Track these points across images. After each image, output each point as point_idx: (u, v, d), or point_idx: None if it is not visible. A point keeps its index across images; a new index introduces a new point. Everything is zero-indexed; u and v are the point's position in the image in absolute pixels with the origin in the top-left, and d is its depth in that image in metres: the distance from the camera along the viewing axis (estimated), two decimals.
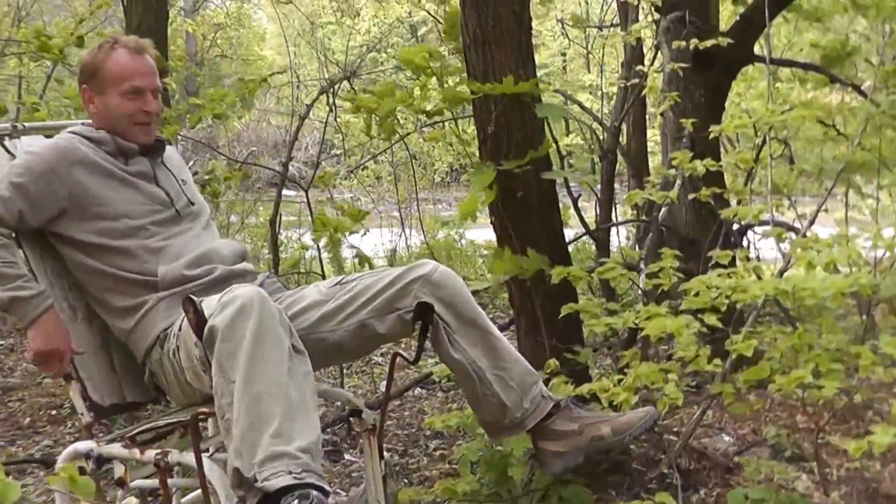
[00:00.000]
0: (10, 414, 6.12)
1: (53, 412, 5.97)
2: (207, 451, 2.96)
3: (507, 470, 3.89)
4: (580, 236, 5.30)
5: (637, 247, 6.34)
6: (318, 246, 6.32)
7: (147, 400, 3.47)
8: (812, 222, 3.93)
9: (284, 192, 7.38)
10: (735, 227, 4.80)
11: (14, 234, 3.26)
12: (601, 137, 5.79)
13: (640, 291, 4.37)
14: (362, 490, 3.57)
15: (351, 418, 3.64)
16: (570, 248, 4.55)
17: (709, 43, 4.77)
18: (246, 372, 2.73)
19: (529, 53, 4.23)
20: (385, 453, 3.56)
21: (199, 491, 2.96)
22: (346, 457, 5.09)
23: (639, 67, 5.39)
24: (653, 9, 5.70)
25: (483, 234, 9.50)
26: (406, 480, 4.77)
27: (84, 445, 3.15)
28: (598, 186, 5.48)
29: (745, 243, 5.06)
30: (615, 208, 6.59)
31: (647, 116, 7.74)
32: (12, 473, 5.16)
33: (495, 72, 4.12)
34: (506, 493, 3.90)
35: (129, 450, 3.10)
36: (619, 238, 7.82)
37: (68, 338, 3.20)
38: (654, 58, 6.09)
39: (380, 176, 12.75)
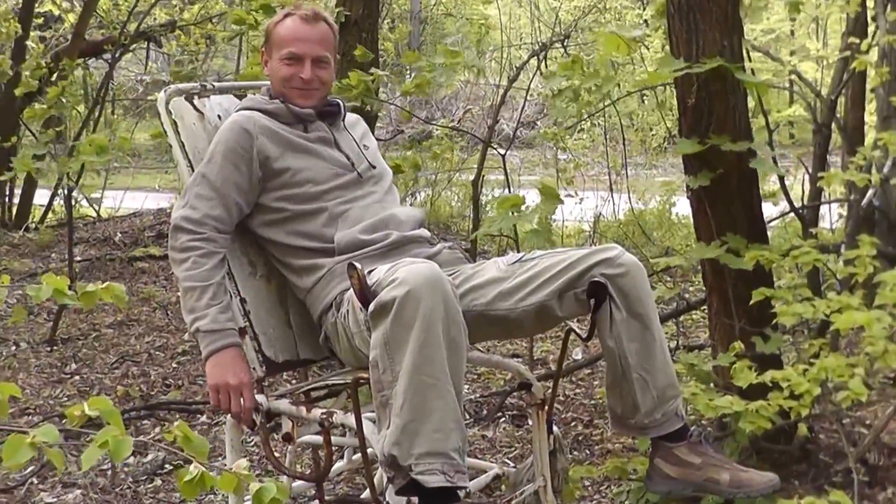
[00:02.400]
0: None
1: None
2: (374, 409, 2.99)
3: None
4: (785, 213, 5.12)
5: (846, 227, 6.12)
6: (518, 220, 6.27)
7: (320, 358, 3.51)
8: None
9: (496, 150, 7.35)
10: None
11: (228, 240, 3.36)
12: (817, 109, 5.59)
13: (836, 278, 4.22)
14: (529, 464, 3.55)
15: (520, 390, 3.60)
16: (776, 224, 4.40)
17: None
18: (415, 362, 2.75)
19: (736, 23, 4.09)
20: (555, 428, 3.54)
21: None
22: (530, 422, 5.07)
23: (851, 40, 5.15)
24: None
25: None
26: (587, 451, 4.74)
27: (255, 398, 3.21)
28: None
29: None
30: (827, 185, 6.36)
31: (866, 90, 7.43)
32: (205, 413, 5.33)
33: (699, 41, 4.00)
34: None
35: (297, 407, 3.16)
36: (832, 217, 7.55)
37: (246, 376, 3.19)
38: (876, 31, 5.84)
39: (594, 139, 12.61)
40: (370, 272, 2.99)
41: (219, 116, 3.59)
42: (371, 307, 2.85)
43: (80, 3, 10.73)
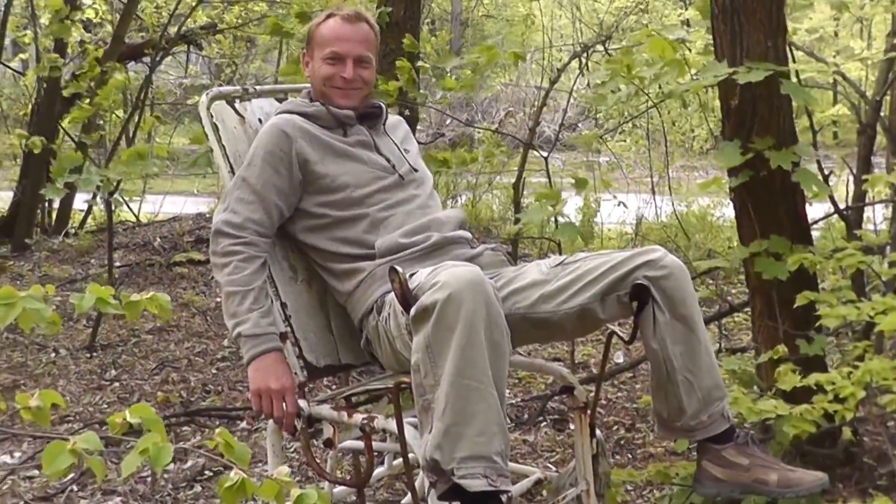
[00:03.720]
0: None
1: None
2: (415, 414, 2.98)
3: None
4: (829, 215, 5.08)
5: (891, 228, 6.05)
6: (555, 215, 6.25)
7: (361, 363, 3.50)
8: None
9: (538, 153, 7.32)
10: None
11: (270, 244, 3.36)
12: (861, 110, 5.54)
13: (881, 280, 4.17)
14: (572, 468, 3.52)
15: (563, 394, 3.56)
16: (820, 225, 4.35)
17: None
18: (456, 366, 2.72)
19: (780, 25, 4.06)
20: (597, 431, 3.50)
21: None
22: (572, 426, 5.04)
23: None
24: None
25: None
26: (630, 455, 4.71)
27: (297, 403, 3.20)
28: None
29: None
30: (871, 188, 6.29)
31: None
32: (245, 419, 5.32)
33: (743, 43, 3.98)
34: None
35: (338, 412, 3.14)
36: (876, 218, 7.48)
37: (288, 380, 3.19)
38: None
39: (637, 140, 12.55)
40: (411, 275, 2.97)
41: (259, 120, 3.60)
42: (413, 311, 2.82)
43: (118, 7, 10.77)
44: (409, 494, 3.04)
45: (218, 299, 7.82)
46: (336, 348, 3.42)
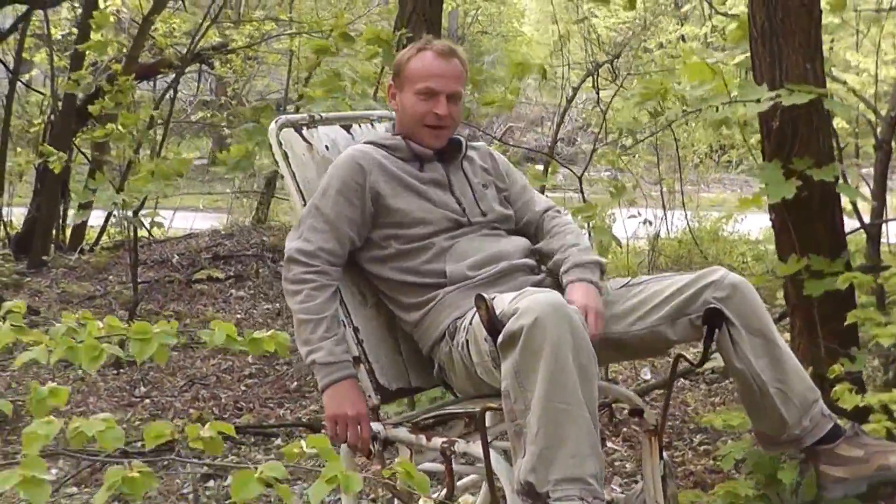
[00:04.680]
0: (278, 377, 6.34)
1: None
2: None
3: (776, 472, 3.80)
4: (855, 230, 5.14)
5: None
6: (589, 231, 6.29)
7: (431, 386, 3.53)
8: None
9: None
10: None
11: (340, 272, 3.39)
12: (875, 126, 5.60)
13: None
14: (640, 489, 3.53)
15: (632, 417, 3.58)
16: None
17: None
18: (546, 390, 2.76)
19: (818, 47, 4.12)
20: (665, 453, 3.52)
21: (473, 476, 3.02)
22: (608, 444, 5.07)
23: None
24: None
25: (756, 222, 9.28)
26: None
27: (371, 427, 3.25)
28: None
29: None
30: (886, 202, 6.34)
31: None
32: (280, 436, 5.36)
33: (782, 65, 4.03)
34: (774, 497, 3.81)
35: (416, 435, 3.18)
36: (889, 235, 7.53)
37: (363, 407, 3.23)
38: None
39: (636, 153, 12.56)
40: (492, 300, 2.99)
41: (326, 147, 3.64)
42: (500, 338, 2.85)
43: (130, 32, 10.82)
44: None
45: (238, 315, 7.87)
46: (406, 371, 3.46)
